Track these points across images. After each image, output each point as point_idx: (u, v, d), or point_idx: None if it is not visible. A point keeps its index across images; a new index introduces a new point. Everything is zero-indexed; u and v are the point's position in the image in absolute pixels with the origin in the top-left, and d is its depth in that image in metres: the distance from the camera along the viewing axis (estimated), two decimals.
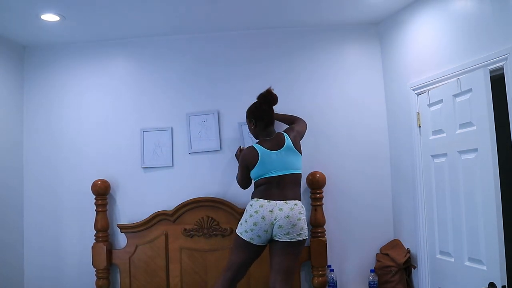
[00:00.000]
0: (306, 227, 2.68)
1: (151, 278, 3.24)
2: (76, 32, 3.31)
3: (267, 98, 2.85)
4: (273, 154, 2.75)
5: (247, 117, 2.92)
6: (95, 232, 3.29)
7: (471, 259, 2.36)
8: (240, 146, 3.23)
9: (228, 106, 3.39)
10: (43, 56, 3.56)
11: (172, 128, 3.42)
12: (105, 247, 3.24)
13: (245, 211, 2.73)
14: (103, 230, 3.29)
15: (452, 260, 2.54)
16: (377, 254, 3.24)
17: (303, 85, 3.38)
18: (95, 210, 3.30)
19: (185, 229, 3.26)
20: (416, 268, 2.96)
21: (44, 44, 3.52)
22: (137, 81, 3.49)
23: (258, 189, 2.77)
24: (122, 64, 3.52)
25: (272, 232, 2.63)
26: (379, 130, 3.33)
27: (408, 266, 3.00)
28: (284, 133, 2.83)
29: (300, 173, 2.82)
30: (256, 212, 2.64)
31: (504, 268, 2.12)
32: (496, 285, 2.09)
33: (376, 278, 3.10)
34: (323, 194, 3.22)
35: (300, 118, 3.08)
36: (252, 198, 2.76)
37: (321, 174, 3.21)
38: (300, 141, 2.89)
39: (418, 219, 2.89)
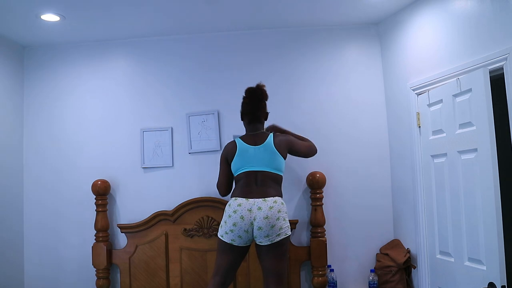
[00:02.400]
0: (286, 224, 2.59)
1: (151, 278, 3.24)
2: (76, 32, 3.31)
3: (252, 92, 2.78)
4: (251, 148, 2.70)
5: (242, 113, 2.83)
6: (95, 232, 3.29)
7: (471, 259, 2.37)
8: None
9: (228, 106, 3.39)
10: (43, 56, 3.56)
11: (172, 128, 3.42)
12: (105, 247, 3.24)
13: (224, 212, 2.65)
14: (103, 230, 3.29)
15: (452, 260, 2.54)
16: (377, 254, 3.24)
17: (303, 85, 3.38)
18: (95, 210, 3.30)
19: (185, 229, 3.26)
20: (416, 268, 2.96)
21: (44, 44, 3.52)
22: (137, 81, 3.49)
23: (237, 185, 2.71)
24: (122, 64, 3.52)
25: (252, 232, 2.56)
26: (379, 130, 3.33)
27: (408, 266, 3.00)
28: (271, 134, 2.75)
29: (279, 175, 2.71)
30: (235, 211, 2.57)
31: (503, 268, 2.13)
32: (496, 285, 2.10)
33: (376, 278, 3.10)
34: (323, 194, 3.22)
35: (309, 141, 2.94)
36: (231, 197, 2.70)
37: (321, 174, 3.21)
38: (290, 153, 2.79)
39: (418, 219, 2.89)
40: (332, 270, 3.21)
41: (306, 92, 3.38)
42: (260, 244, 2.59)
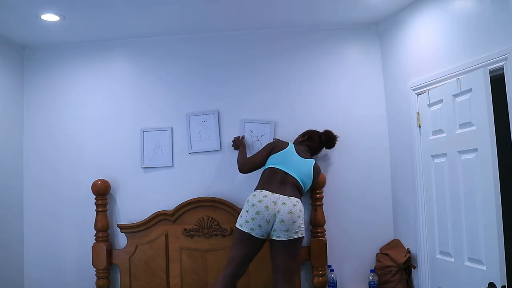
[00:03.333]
0: (303, 226, 2.71)
1: (151, 278, 3.24)
2: (76, 32, 3.31)
3: (330, 136, 3.12)
4: (296, 156, 2.89)
5: (307, 133, 3.12)
6: (95, 232, 3.29)
7: (471, 259, 2.37)
8: (240, 136, 3.29)
9: (228, 106, 3.39)
10: (43, 56, 3.56)
11: (172, 128, 3.42)
12: (105, 247, 3.24)
13: (246, 202, 2.72)
14: (103, 230, 3.29)
15: (452, 260, 2.54)
16: (377, 254, 3.24)
17: (303, 85, 3.38)
18: (95, 210, 3.30)
19: (185, 229, 3.26)
20: (416, 268, 2.96)
21: (44, 44, 3.52)
22: (137, 81, 3.49)
23: (263, 178, 2.82)
24: (122, 64, 3.52)
25: (273, 224, 2.64)
26: (379, 130, 3.33)
27: (408, 266, 3.00)
28: (314, 160, 2.94)
29: (302, 189, 2.85)
30: (260, 201, 2.65)
31: (503, 268, 2.13)
32: (496, 285, 2.10)
33: (376, 278, 3.10)
34: (323, 194, 3.22)
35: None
36: (255, 189, 2.78)
37: (321, 174, 3.20)
38: (311, 183, 2.94)
39: (418, 219, 2.89)
40: (332, 270, 3.21)
41: (306, 92, 3.38)
42: (277, 239, 2.64)
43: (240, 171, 3.03)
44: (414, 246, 2.99)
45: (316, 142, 3.09)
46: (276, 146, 2.96)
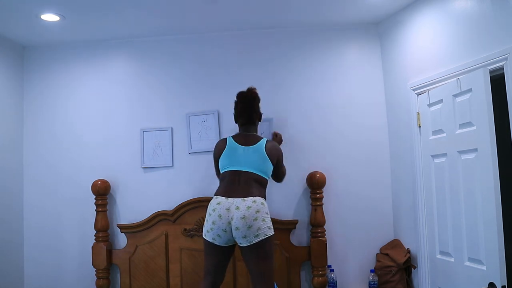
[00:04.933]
0: (265, 224, 2.52)
1: (151, 278, 3.24)
2: (76, 32, 3.31)
3: (243, 96, 2.83)
4: (240, 148, 2.71)
5: (234, 110, 2.89)
6: (95, 232, 3.29)
7: (471, 259, 2.36)
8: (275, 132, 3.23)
9: (228, 106, 3.36)
10: (43, 56, 3.56)
11: (172, 128, 3.42)
12: (105, 247, 3.24)
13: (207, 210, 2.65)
14: (103, 230, 3.29)
15: (452, 260, 2.54)
16: (377, 254, 3.24)
17: (303, 85, 3.38)
18: (95, 210, 3.30)
19: (185, 229, 3.26)
20: (416, 268, 2.96)
21: (44, 44, 3.52)
22: (137, 81, 3.49)
23: (220, 184, 2.71)
24: (122, 64, 3.52)
25: (231, 233, 2.53)
26: (379, 130, 3.33)
27: (408, 266, 3.00)
28: (265, 139, 2.76)
29: (264, 178, 2.69)
30: (214, 210, 2.56)
31: (503, 268, 2.12)
32: (496, 285, 2.10)
33: (376, 278, 3.10)
34: (323, 194, 3.22)
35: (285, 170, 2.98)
36: (213, 196, 2.67)
37: (321, 174, 3.21)
38: (277, 163, 2.80)
39: (418, 219, 2.89)
40: (332, 270, 3.21)
41: (306, 91, 3.38)
42: (240, 245, 2.56)
43: None
44: (414, 246, 2.99)
45: (241, 112, 2.81)
46: (217, 150, 2.80)
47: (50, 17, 2.96)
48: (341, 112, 3.35)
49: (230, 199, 2.56)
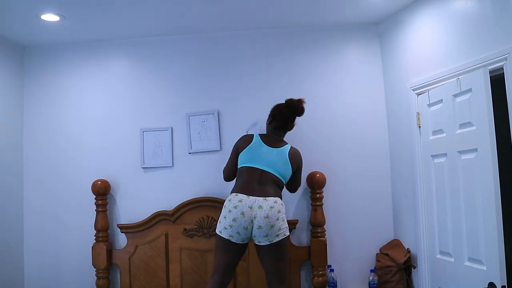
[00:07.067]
0: (284, 225, 2.61)
1: (151, 278, 3.24)
2: (76, 32, 3.31)
3: (293, 105, 2.86)
4: (265, 147, 2.75)
5: (271, 112, 2.92)
6: (95, 232, 3.29)
7: (471, 259, 2.36)
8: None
9: (228, 106, 3.40)
10: (43, 56, 3.56)
11: (172, 128, 3.42)
12: (105, 247, 3.24)
13: (223, 207, 2.64)
14: (103, 230, 3.29)
15: (452, 260, 2.54)
16: (377, 254, 3.24)
17: (303, 85, 3.38)
18: (95, 210, 3.30)
19: (185, 229, 3.26)
20: (416, 268, 2.96)
21: (44, 44, 3.52)
22: (137, 81, 3.49)
23: (238, 180, 2.72)
24: (122, 64, 3.52)
25: (252, 231, 2.56)
26: (379, 130, 3.33)
27: (408, 266, 3.00)
28: (289, 145, 2.81)
29: (282, 181, 2.73)
30: (235, 207, 2.56)
31: (503, 268, 2.12)
32: (496, 285, 2.10)
33: (376, 278, 3.10)
34: (323, 194, 3.22)
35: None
36: (231, 193, 2.67)
37: (321, 174, 3.21)
38: (297, 170, 2.86)
39: (418, 219, 2.89)
40: (332, 270, 3.21)
41: (306, 92, 3.35)
42: (259, 244, 2.59)
43: (224, 180, 2.97)
44: (414, 246, 2.99)
45: (281, 118, 2.84)
46: (241, 143, 2.83)
47: (50, 17, 2.96)
48: (341, 112, 3.35)
49: (252, 197, 2.58)
